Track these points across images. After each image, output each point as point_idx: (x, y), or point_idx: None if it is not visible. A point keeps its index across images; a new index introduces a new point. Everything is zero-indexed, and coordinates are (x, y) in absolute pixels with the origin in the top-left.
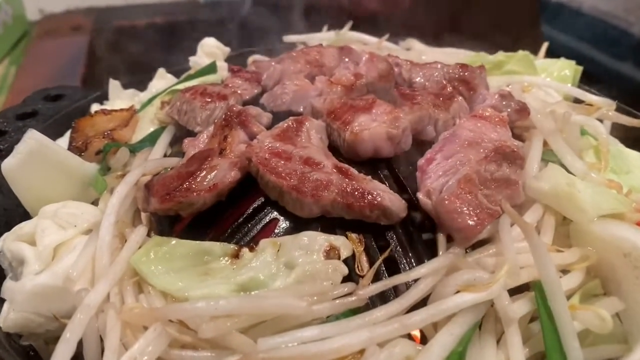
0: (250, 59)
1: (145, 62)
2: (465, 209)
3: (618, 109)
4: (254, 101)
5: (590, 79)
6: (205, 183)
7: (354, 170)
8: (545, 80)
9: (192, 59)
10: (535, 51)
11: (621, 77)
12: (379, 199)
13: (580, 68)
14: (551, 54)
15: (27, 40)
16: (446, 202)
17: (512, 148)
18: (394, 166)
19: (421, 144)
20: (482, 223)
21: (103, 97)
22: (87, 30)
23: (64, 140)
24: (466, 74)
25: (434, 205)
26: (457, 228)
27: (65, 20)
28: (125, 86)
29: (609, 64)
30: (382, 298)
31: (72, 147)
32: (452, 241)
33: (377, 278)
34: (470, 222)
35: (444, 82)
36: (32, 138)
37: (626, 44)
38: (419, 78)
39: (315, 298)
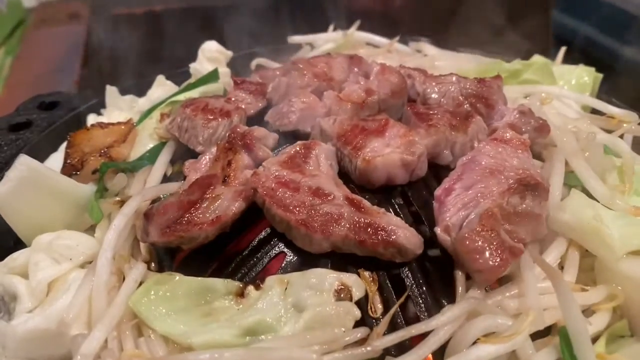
0: (254, 62)
1: (145, 53)
2: (487, 248)
3: None
4: (259, 115)
5: (598, 64)
6: (207, 215)
7: (366, 202)
8: (564, 91)
9: (192, 66)
10: (544, 38)
11: (629, 63)
12: (394, 236)
13: (600, 75)
14: (558, 38)
15: (23, 28)
16: (467, 241)
17: (536, 179)
18: (409, 194)
19: (437, 168)
20: (505, 264)
21: (100, 105)
22: (84, 18)
23: (59, 155)
24: (484, 89)
25: (453, 242)
26: (478, 269)
27: (62, 8)
28: (123, 91)
29: (617, 48)
30: (397, 344)
31: (67, 165)
32: (471, 278)
33: (391, 320)
34: (492, 263)
35: (461, 99)
36: (23, 164)
37: (635, 29)
38: (434, 94)
39: (325, 347)
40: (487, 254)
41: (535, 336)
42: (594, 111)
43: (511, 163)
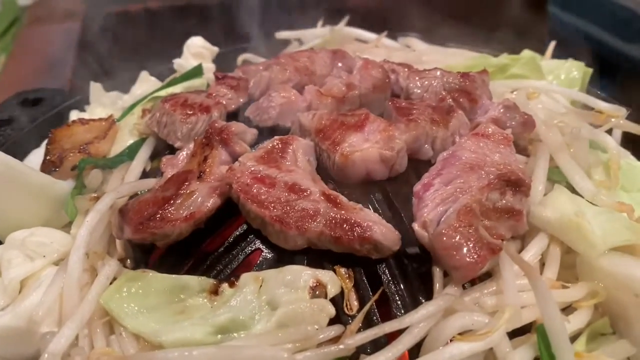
0: (241, 58)
1: (140, 51)
2: (464, 244)
3: (629, 117)
4: (240, 111)
5: (599, 61)
6: (181, 211)
7: (343, 198)
8: (552, 86)
9: (176, 61)
10: (541, 34)
11: (630, 60)
12: (369, 232)
13: (590, 70)
14: (557, 35)
15: (17, 26)
16: (444, 237)
17: (517, 174)
18: (388, 189)
19: (418, 163)
20: (483, 261)
21: (84, 102)
22: (79, 15)
23: (40, 151)
24: (467, 83)
25: (430, 239)
26: (454, 266)
27: (56, 6)
28: (110, 88)
29: (618, 46)
30: (373, 341)
31: (46, 161)
32: (447, 275)
33: (367, 317)
34: (469, 260)
35: (444, 93)
36: None
37: (636, 26)
38: (416, 89)
39: (298, 344)
40: (464, 250)
41: (516, 334)
42: (584, 106)
43: (492, 158)
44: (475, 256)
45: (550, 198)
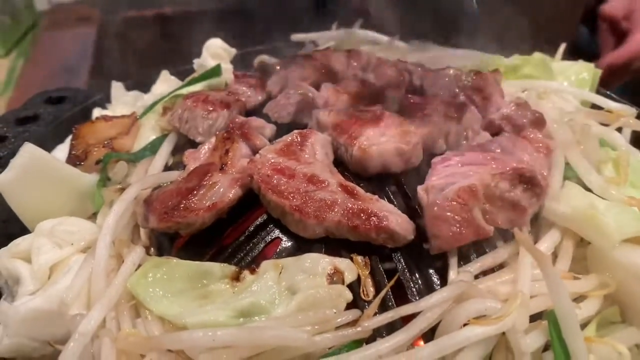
0: (257, 59)
1: (154, 55)
2: (451, 219)
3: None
4: (259, 108)
5: None
6: (204, 202)
7: (359, 189)
8: (562, 86)
9: (196, 61)
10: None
11: None
12: (385, 221)
13: (599, 71)
14: None
15: (35, 31)
16: (435, 207)
17: (533, 173)
18: (403, 182)
19: (432, 157)
20: (463, 238)
21: (105, 100)
22: (94, 20)
23: (64, 147)
24: (480, 82)
25: (425, 204)
26: (434, 234)
27: (73, 11)
28: (129, 87)
29: None
30: (388, 325)
31: (71, 156)
32: (462, 264)
33: (383, 303)
34: (450, 233)
35: (457, 91)
36: (28, 152)
37: None
38: (430, 86)
39: (317, 327)
40: (448, 223)
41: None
42: (594, 107)
43: (520, 157)
44: (456, 231)
45: (563, 193)
